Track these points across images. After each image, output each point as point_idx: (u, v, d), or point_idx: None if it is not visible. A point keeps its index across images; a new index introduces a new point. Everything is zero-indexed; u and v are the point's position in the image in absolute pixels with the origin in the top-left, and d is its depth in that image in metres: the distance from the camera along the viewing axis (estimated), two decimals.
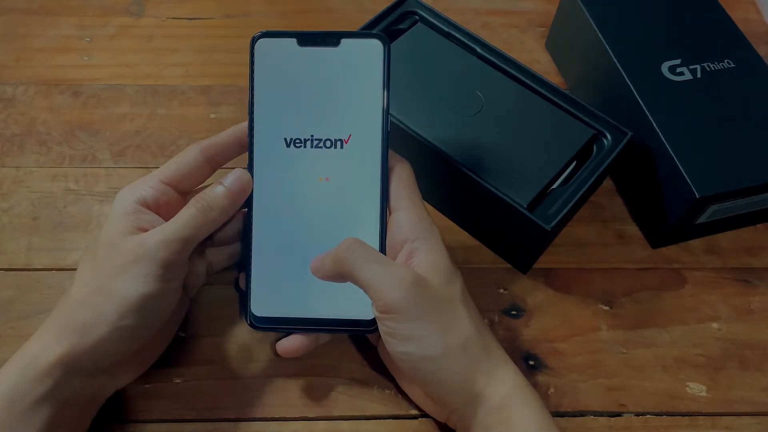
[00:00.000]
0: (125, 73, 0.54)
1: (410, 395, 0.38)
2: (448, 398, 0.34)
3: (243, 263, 0.39)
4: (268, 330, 0.38)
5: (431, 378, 0.34)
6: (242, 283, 0.39)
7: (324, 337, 0.39)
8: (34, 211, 0.46)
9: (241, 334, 0.41)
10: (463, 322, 0.34)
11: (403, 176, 0.37)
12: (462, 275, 0.36)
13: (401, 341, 0.33)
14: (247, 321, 0.38)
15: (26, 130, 0.50)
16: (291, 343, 0.37)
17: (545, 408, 0.33)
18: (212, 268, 0.41)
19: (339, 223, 0.37)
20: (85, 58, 0.54)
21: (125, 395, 0.38)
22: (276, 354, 0.38)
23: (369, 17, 0.48)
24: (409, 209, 0.36)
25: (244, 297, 0.38)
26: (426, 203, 0.38)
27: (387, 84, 0.36)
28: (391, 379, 0.40)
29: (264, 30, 0.37)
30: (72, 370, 0.32)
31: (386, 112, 0.36)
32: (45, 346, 0.32)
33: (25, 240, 0.44)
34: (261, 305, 0.38)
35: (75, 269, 0.35)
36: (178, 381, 0.39)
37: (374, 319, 0.35)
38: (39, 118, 0.50)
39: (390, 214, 0.37)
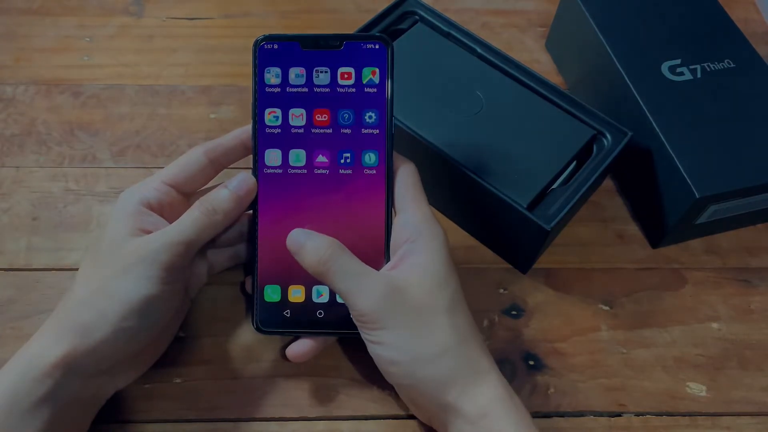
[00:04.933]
0: (125, 73, 0.54)
1: (399, 395, 0.38)
2: (420, 402, 0.35)
3: (249, 266, 0.39)
4: (274, 334, 0.38)
5: (400, 381, 0.34)
6: (249, 287, 0.39)
7: (330, 339, 0.39)
8: (34, 211, 0.46)
9: (241, 334, 0.41)
10: (441, 332, 0.33)
11: (407, 177, 0.37)
12: (462, 275, 0.36)
13: (373, 344, 0.34)
14: (253, 325, 0.38)
15: (26, 130, 0.50)
16: (300, 348, 0.37)
17: (527, 419, 0.33)
18: (213, 269, 0.41)
19: (345, 225, 0.37)
20: (85, 58, 0.54)
21: (125, 395, 0.38)
22: (285, 358, 0.38)
23: (369, 17, 0.48)
24: (414, 210, 0.36)
25: (250, 300, 0.38)
26: None
27: (391, 86, 0.36)
28: None
29: (266, 33, 0.37)
30: (72, 371, 0.32)
31: (390, 114, 0.36)
32: (45, 347, 0.32)
33: (25, 240, 0.44)
34: (268, 309, 0.38)
35: (75, 269, 0.35)
36: (178, 381, 0.39)
37: None
38: (39, 118, 0.50)
39: (395, 215, 0.37)
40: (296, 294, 0.37)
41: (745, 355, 0.42)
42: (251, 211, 0.38)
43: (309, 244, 0.35)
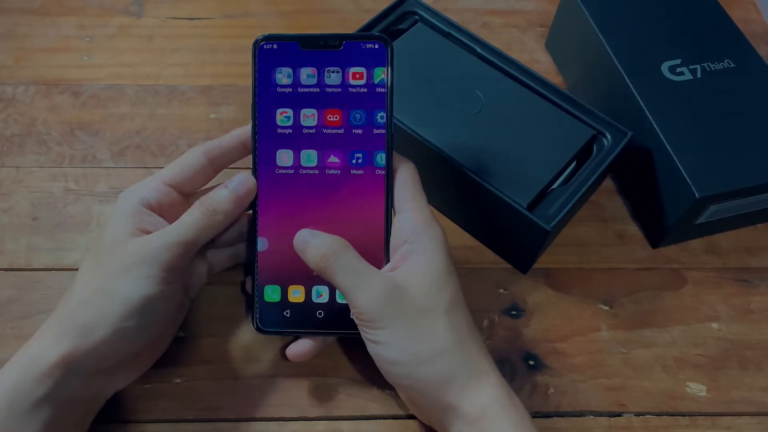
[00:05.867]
0: (125, 73, 0.54)
1: (399, 394, 0.38)
2: (420, 403, 0.35)
3: (249, 266, 0.39)
4: (275, 334, 0.38)
5: (400, 381, 0.34)
6: (249, 287, 0.39)
7: (330, 339, 0.39)
8: (34, 211, 0.46)
9: (241, 334, 0.41)
10: (440, 333, 0.33)
11: (407, 178, 0.37)
12: (462, 275, 0.36)
13: (373, 344, 0.34)
14: (253, 325, 0.38)
15: (26, 130, 0.50)
16: (300, 348, 0.37)
17: (526, 420, 0.33)
18: (213, 269, 0.41)
19: (345, 225, 0.37)
20: (85, 58, 0.54)
21: (125, 395, 0.38)
22: (285, 358, 0.38)
23: (369, 17, 0.48)
24: (413, 211, 0.36)
25: (250, 300, 0.38)
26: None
27: (390, 86, 0.36)
28: None
29: (266, 33, 0.37)
30: (72, 371, 0.32)
31: (390, 114, 0.36)
32: (45, 347, 0.32)
33: (25, 240, 0.44)
34: (268, 309, 0.38)
35: (75, 269, 0.35)
36: (178, 381, 0.39)
37: None
38: (39, 118, 0.50)
39: (395, 215, 0.37)
40: (296, 294, 0.37)
41: (745, 355, 0.42)
42: (251, 211, 0.38)
43: (314, 242, 0.35)
